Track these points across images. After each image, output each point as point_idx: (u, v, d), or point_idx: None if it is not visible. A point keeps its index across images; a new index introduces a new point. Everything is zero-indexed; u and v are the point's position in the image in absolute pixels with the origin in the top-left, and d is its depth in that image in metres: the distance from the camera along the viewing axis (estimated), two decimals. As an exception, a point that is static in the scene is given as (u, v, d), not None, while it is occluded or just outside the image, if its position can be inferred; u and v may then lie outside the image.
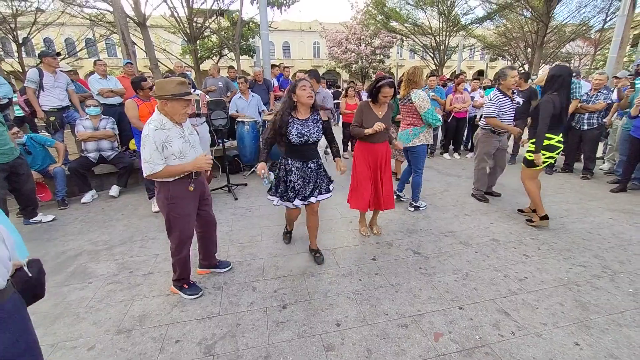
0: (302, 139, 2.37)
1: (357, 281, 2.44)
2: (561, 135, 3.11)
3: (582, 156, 5.19)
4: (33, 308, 2.18)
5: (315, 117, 2.46)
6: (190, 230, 2.20)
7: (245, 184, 4.78)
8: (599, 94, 4.72)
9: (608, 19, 15.22)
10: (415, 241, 3.05)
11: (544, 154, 3.10)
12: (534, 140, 3.10)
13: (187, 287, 2.29)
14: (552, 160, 3.22)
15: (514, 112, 3.73)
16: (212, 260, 2.54)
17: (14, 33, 13.22)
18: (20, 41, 13.55)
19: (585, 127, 4.81)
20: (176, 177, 2.04)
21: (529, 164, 3.19)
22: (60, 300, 2.26)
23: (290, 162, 2.48)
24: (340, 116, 8.11)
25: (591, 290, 2.30)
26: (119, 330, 1.97)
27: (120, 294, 2.32)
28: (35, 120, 4.48)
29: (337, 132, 7.09)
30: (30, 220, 3.52)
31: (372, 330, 1.95)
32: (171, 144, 1.95)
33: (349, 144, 6.52)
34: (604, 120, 4.94)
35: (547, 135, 3.05)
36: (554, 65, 3.36)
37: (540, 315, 2.06)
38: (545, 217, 3.25)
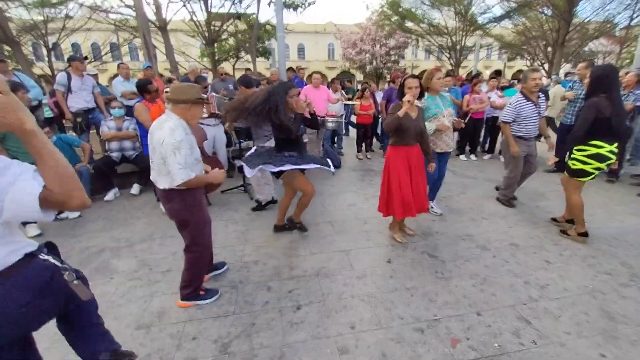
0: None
1: (371, 283, 2.42)
2: (615, 145, 2.75)
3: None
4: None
5: (298, 116, 2.76)
6: (210, 237, 2.25)
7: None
8: (629, 94, 4.50)
9: (635, 15, 14.54)
10: (431, 244, 3.00)
11: (591, 164, 2.79)
12: (579, 147, 2.83)
13: (203, 292, 2.25)
14: (598, 172, 2.85)
15: (537, 117, 3.47)
16: (211, 263, 2.51)
17: (45, 39, 13.90)
18: (50, 46, 14.24)
19: (612, 129, 4.59)
20: None
21: (574, 173, 2.89)
22: (84, 295, 2.35)
23: (285, 153, 2.75)
24: (349, 126, 8.05)
25: (618, 300, 2.20)
26: (139, 326, 2.04)
27: (140, 290, 2.40)
28: (63, 121, 4.68)
29: (349, 143, 7.04)
30: (58, 217, 3.68)
31: (386, 334, 1.93)
32: (194, 148, 1.99)
33: (363, 144, 6.49)
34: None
35: (595, 143, 2.76)
36: (595, 65, 3.11)
37: (564, 324, 1.99)
38: (585, 234, 2.96)
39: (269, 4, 12.44)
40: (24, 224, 3.32)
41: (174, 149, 1.82)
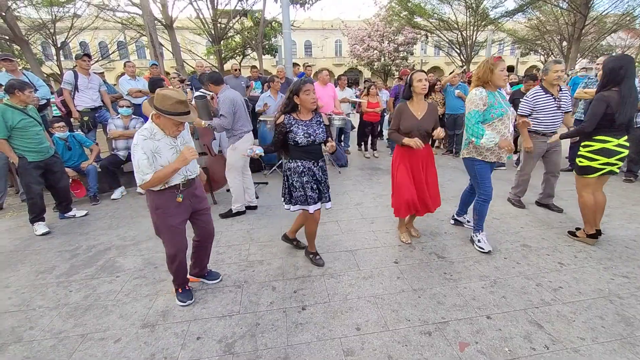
0: (309, 139, 2.33)
1: (378, 284, 2.38)
2: (625, 138, 2.62)
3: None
4: (66, 299, 2.30)
5: (318, 118, 2.44)
6: (180, 243, 2.10)
7: (266, 183, 4.82)
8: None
9: (656, 7, 14.03)
10: (439, 244, 2.94)
11: (598, 160, 2.65)
12: (585, 142, 2.71)
13: (180, 291, 2.24)
14: (610, 168, 2.66)
15: (558, 112, 3.28)
16: (203, 270, 2.44)
17: (53, 38, 14.12)
18: (59, 45, 14.44)
19: (630, 126, 4.42)
20: (161, 187, 1.96)
21: (581, 170, 2.78)
22: (90, 292, 2.36)
23: (300, 163, 2.39)
24: (358, 116, 7.95)
25: (636, 304, 2.11)
26: (144, 324, 2.03)
27: (145, 289, 2.40)
28: (71, 119, 4.73)
29: (353, 139, 6.96)
30: (65, 215, 3.73)
31: (393, 337, 1.89)
32: (160, 154, 1.89)
33: (369, 142, 6.42)
34: None
35: (600, 138, 2.63)
36: (608, 56, 2.80)
37: (578, 329, 1.91)
38: (594, 236, 2.83)
39: (275, 1, 12.38)
40: (32, 223, 3.36)
41: (132, 152, 1.86)
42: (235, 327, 1.99)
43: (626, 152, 2.65)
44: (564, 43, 15.93)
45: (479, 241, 2.81)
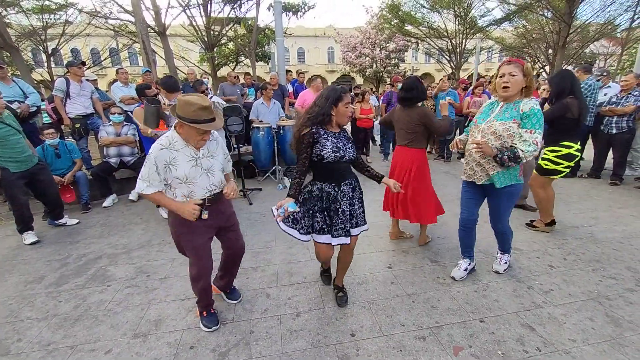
0: (337, 154, 1.89)
1: (372, 290, 2.39)
2: (579, 143, 3.03)
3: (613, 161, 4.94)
4: (55, 310, 2.25)
5: (345, 133, 2.07)
6: (206, 264, 1.93)
7: (260, 189, 4.81)
8: (629, 95, 4.48)
9: (636, 17, 14.55)
10: (432, 249, 2.97)
11: (562, 164, 3.00)
12: (553, 147, 3.03)
13: (205, 315, 2.05)
14: (567, 170, 3.09)
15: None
16: (229, 284, 2.29)
17: (44, 44, 13.97)
18: (50, 52, 14.30)
19: (614, 130, 4.57)
20: (184, 203, 1.80)
21: (543, 172, 3.12)
22: (80, 303, 2.32)
23: (319, 186, 1.98)
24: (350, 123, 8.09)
25: (624, 305, 2.15)
26: (136, 334, 2.00)
27: (137, 298, 2.36)
28: (62, 127, 4.67)
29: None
30: (56, 222, 3.65)
31: (388, 342, 1.89)
32: (176, 166, 1.72)
33: (364, 149, 6.47)
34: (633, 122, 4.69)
35: (564, 143, 2.98)
36: (552, 75, 3.35)
37: (569, 330, 1.94)
38: (552, 223, 3.21)
39: (268, 8, 12.50)
40: (21, 233, 3.29)
41: (147, 158, 1.72)
42: (229, 335, 1.97)
43: (579, 155, 3.09)
44: (550, 50, 16.37)
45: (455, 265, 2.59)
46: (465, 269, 2.51)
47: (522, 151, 1.99)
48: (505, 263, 2.58)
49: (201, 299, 2.03)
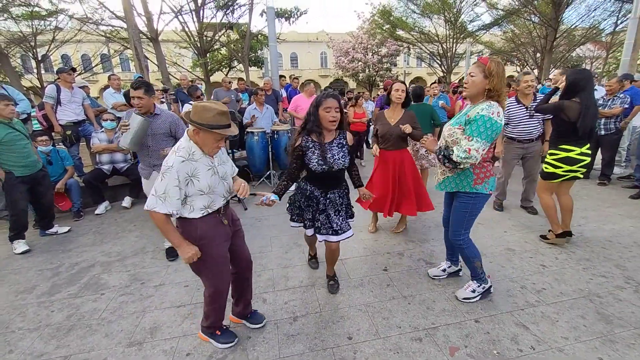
0: (323, 167, 2.00)
1: (368, 293, 2.40)
2: (587, 147, 2.77)
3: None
4: (47, 320, 2.21)
5: (340, 140, 2.09)
6: (227, 276, 1.86)
7: (255, 194, 4.79)
8: (615, 98, 4.61)
9: (619, 22, 14.99)
10: (427, 251, 3.00)
11: (561, 167, 2.82)
12: (552, 151, 2.88)
13: (219, 333, 1.94)
14: (573, 174, 2.83)
15: (531, 120, 3.47)
16: (247, 308, 2.11)
17: (34, 51, 13.80)
18: (40, 58, 14.13)
19: (602, 132, 4.68)
20: (203, 213, 1.69)
21: (546, 176, 2.96)
22: (73, 312, 2.28)
23: (309, 187, 2.15)
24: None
25: (614, 303, 2.20)
26: (131, 343, 1.98)
27: (132, 306, 2.33)
28: (53, 134, 4.61)
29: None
30: (47, 232, 3.60)
31: (384, 344, 1.90)
32: (198, 177, 1.62)
33: (357, 153, 6.51)
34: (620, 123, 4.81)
35: (562, 147, 2.81)
36: (570, 70, 3.03)
37: (561, 328, 1.98)
38: (562, 235, 2.98)
39: (261, 14, 12.57)
40: (12, 241, 3.24)
41: (162, 172, 1.57)
42: (225, 342, 1.96)
43: (588, 159, 2.80)
44: (538, 54, 16.76)
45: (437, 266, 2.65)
46: (444, 270, 2.54)
47: (456, 155, 1.91)
48: (473, 292, 2.22)
49: (216, 318, 1.91)
